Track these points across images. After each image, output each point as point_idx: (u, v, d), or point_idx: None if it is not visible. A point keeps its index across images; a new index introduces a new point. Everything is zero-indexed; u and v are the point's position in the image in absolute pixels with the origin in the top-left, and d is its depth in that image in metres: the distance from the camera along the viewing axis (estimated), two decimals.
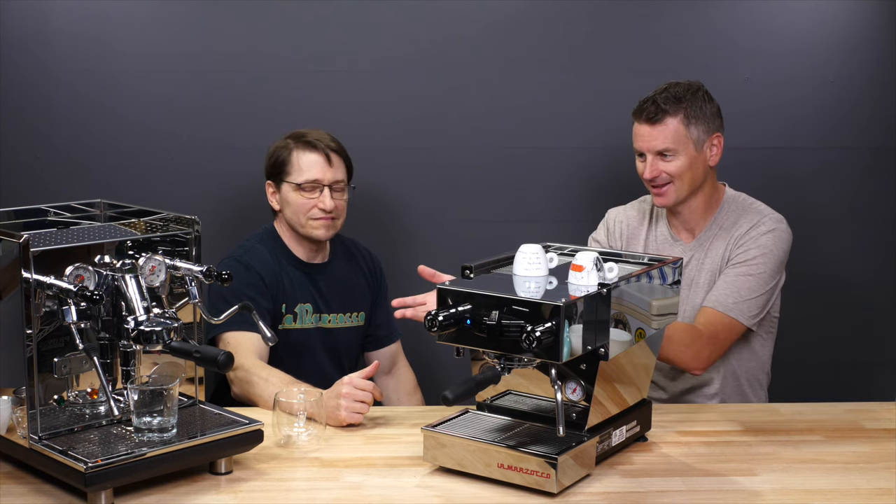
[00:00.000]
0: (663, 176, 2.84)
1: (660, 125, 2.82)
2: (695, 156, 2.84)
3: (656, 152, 2.83)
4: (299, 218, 2.95)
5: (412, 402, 3.15)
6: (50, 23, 3.40)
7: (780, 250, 2.85)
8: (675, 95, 2.83)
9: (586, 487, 2.16)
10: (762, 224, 2.87)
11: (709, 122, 2.85)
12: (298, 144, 2.95)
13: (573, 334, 2.05)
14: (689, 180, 2.85)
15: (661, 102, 2.82)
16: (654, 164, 2.84)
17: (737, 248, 2.85)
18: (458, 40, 3.49)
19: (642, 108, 2.85)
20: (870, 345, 3.61)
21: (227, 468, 2.21)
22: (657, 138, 2.83)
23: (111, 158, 3.46)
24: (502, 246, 2.63)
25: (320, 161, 2.94)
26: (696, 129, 2.83)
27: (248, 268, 2.90)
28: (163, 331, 2.12)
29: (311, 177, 2.93)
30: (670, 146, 2.82)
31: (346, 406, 2.48)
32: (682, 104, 2.82)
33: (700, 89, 2.87)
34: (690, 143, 2.83)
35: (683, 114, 2.82)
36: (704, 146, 2.85)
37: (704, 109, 2.85)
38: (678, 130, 2.82)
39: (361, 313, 3.10)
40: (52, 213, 2.45)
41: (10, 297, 2.08)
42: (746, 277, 2.81)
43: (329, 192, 2.93)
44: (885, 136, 3.55)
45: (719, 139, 2.88)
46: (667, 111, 2.81)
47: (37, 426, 2.10)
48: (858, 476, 2.23)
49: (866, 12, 3.51)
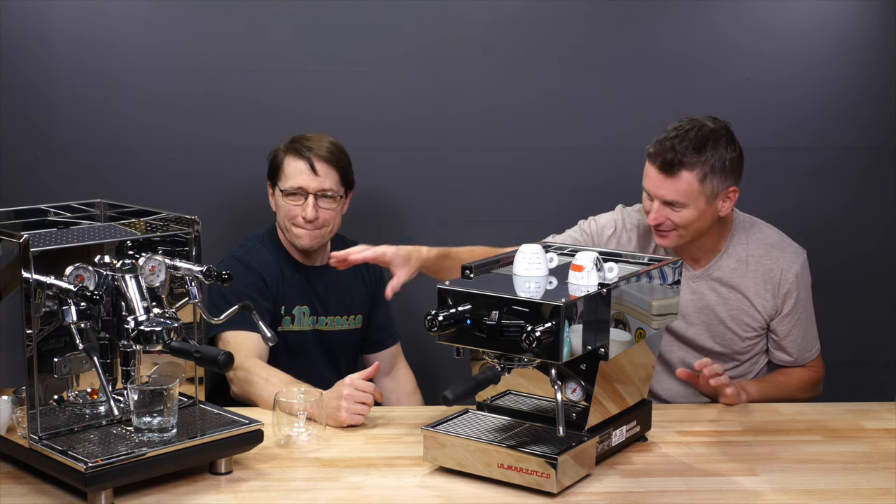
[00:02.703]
0: (668, 223, 2.71)
1: (673, 178, 2.64)
2: (705, 209, 2.68)
3: (665, 201, 2.68)
4: (285, 223, 2.96)
5: (412, 402, 3.15)
6: (50, 23, 3.40)
7: (809, 276, 2.89)
8: (697, 144, 2.63)
9: (586, 487, 2.16)
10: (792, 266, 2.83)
11: (727, 174, 2.67)
12: (289, 150, 2.95)
13: (573, 334, 2.05)
14: (695, 230, 2.72)
15: (680, 152, 2.62)
16: (660, 212, 2.69)
17: (784, 300, 2.84)
18: (458, 40, 3.49)
19: (658, 153, 2.65)
20: (870, 345, 3.61)
21: (227, 468, 2.21)
22: (668, 190, 2.66)
23: (111, 158, 3.46)
24: (502, 246, 2.64)
25: (305, 169, 2.92)
26: (712, 184, 2.65)
27: (249, 268, 2.91)
28: (163, 331, 2.12)
29: (294, 184, 2.92)
30: (680, 200, 2.66)
31: (347, 407, 2.48)
32: (702, 156, 2.63)
33: (724, 136, 2.68)
34: (703, 198, 2.66)
35: (700, 168, 2.63)
36: (718, 199, 2.70)
37: (724, 160, 2.66)
38: (691, 185, 2.64)
39: (359, 316, 3.10)
40: (52, 213, 2.45)
41: (10, 297, 2.08)
42: (805, 318, 2.89)
43: (313, 200, 2.91)
44: (885, 136, 3.55)
45: (735, 192, 2.72)
46: (683, 164, 2.62)
47: (37, 426, 2.10)
48: (858, 476, 2.23)
49: (866, 12, 3.51)
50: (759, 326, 2.88)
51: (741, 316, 2.86)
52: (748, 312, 2.85)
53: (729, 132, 2.72)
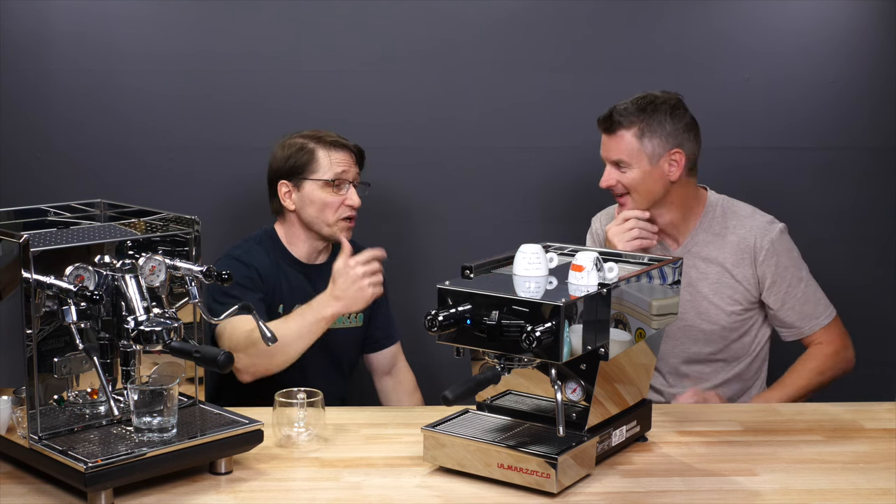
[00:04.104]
0: (619, 186, 2.88)
1: (614, 136, 2.85)
2: (649, 170, 2.85)
3: (611, 162, 2.87)
4: (326, 216, 2.95)
5: (412, 402, 3.16)
6: (50, 23, 3.40)
7: (791, 243, 2.93)
8: (638, 107, 2.84)
9: (586, 487, 2.16)
10: (767, 233, 2.89)
11: (668, 137, 2.84)
12: (323, 143, 2.97)
13: (573, 334, 2.05)
14: (646, 193, 2.87)
15: (616, 114, 2.84)
16: (609, 173, 2.89)
17: (764, 269, 2.88)
18: (458, 40, 3.49)
19: (603, 119, 2.88)
20: (870, 345, 3.60)
21: (227, 468, 2.21)
22: (612, 149, 2.87)
23: (111, 158, 3.46)
24: (502, 246, 2.64)
25: (348, 158, 2.98)
26: (651, 144, 2.83)
27: (246, 264, 2.90)
28: (163, 331, 2.12)
29: (339, 172, 2.95)
30: (623, 158, 2.85)
31: (371, 281, 2.58)
32: (638, 117, 2.83)
33: (666, 103, 2.86)
34: (644, 158, 2.84)
35: (638, 127, 2.83)
36: (661, 161, 2.85)
37: (664, 124, 2.84)
38: (630, 143, 2.84)
39: (360, 315, 3.10)
40: (52, 213, 2.46)
41: (10, 297, 2.08)
42: (800, 287, 2.90)
43: (354, 188, 2.98)
44: (885, 136, 3.55)
45: (679, 155, 2.85)
46: (620, 123, 2.84)
47: (37, 426, 2.10)
48: (858, 476, 2.23)
49: (866, 12, 3.51)
50: (742, 299, 2.92)
51: (723, 289, 2.92)
52: (729, 284, 2.91)
53: (678, 102, 2.89)
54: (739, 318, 2.93)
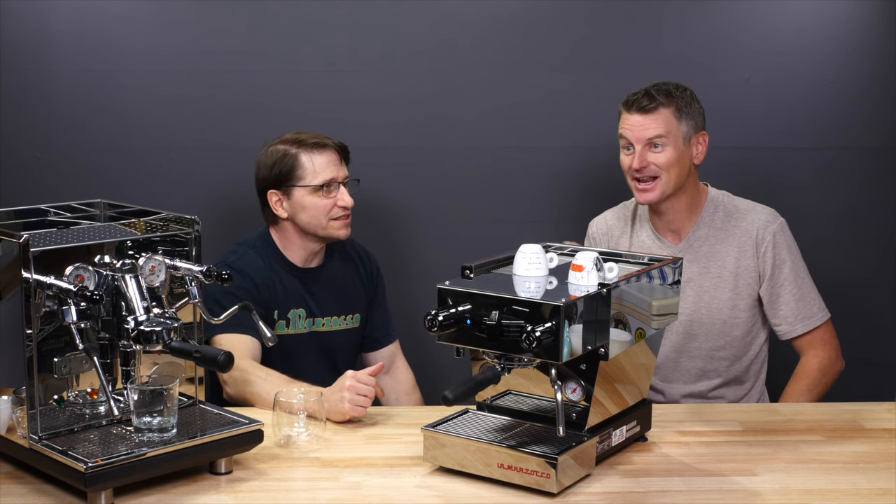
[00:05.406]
0: (651, 168, 2.87)
1: (653, 114, 2.87)
2: (683, 150, 2.88)
3: (647, 141, 2.87)
4: (320, 221, 2.93)
5: (411, 401, 3.15)
6: (50, 23, 3.40)
7: (792, 238, 2.95)
8: (667, 90, 2.90)
9: (586, 487, 2.16)
10: (770, 224, 2.91)
11: (696, 119, 2.92)
12: (304, 147, 2.92)
13: (573, 334, 2.05)
14: (676, 175, 2.88)
15: (654, 94, 2.88)
16: (642, 155, 2.87)
17: (766, 259, 2.90)
18: (458, 40, 3.49)
19: (634, 99, 2.90)
20: (870, 345, 3.61)
21: (227, 468, 2.21)
22: (650, 127, 2.86)
23: (111, 158, 3.46)
24: (502, 246, 2.64)
25: (334, 159, 2.94)
26: (686, 124, 2.89)
27: (241, 273, 2.88)
28: (163, 331, 2.12)
29: (327, 176, 2.92)
30: (662, 133, 2.86)
31: (350, 398, 2.49)
32: (673, 98, 2.89)
33: (688, 89, 2.94)
34: (680, 137, 2.88)
35: (675, 106, 2.88)
36: (692, 142, 2.90)
37: (693, 107, 2.91)
38: (670, 120, 2.87)
39: (356, 315, 3.09)
40: (52, 213, 2.46)
41: (10, 297, 2.08)
42: (796, 281, 2.91)
43: (344, 188, 2.95)
44: (885, 137, 3.55)
45: (705, 138, 2.93)
46: (660, 102, 2.87)
47: (37, 426, 2.10)
48: (858, 476, 2.23)
49: (866, 12, 3.51)
50: (743, 293, 2.93)
51: (724, 284, 2.93)
52: (730, 279, 2.93)
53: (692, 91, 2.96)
54: (740, 315, 2.92)
